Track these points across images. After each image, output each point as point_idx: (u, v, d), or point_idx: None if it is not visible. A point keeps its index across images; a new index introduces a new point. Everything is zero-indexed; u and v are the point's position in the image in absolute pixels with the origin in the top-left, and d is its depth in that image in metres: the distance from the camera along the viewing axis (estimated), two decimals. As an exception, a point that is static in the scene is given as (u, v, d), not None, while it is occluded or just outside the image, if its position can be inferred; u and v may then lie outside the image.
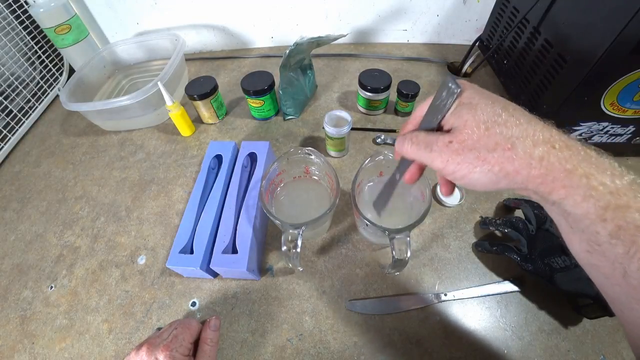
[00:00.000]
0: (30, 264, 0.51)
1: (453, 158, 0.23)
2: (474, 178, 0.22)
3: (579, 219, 0.20)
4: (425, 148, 0.24)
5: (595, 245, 0.20)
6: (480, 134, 0.21)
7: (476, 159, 0.22)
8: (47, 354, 0.43)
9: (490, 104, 0.22)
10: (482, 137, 0.21)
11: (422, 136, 0.25)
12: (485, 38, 0.76)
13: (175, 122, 0.65)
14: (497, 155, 0.21)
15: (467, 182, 0.23)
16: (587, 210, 0.20)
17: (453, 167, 0.23)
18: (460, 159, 0.22)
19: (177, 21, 0.87)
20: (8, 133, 0.70)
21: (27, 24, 0.75)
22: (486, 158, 0.21)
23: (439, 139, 0.23)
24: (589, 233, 0.20)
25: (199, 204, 0.49)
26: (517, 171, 0.21)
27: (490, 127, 0.21)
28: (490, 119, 0.22)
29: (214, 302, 0.45)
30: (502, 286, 0.43)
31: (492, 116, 0.22)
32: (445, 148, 0.23)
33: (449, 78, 0.23)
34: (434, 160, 0.24)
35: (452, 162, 0.23)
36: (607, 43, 0.42)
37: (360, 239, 0.49)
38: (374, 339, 0.41)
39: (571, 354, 0.38)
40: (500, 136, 0.21)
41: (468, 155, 0.22)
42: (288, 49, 0.57)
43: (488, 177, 0.22)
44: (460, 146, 0.22)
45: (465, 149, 0.22)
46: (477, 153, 0.22)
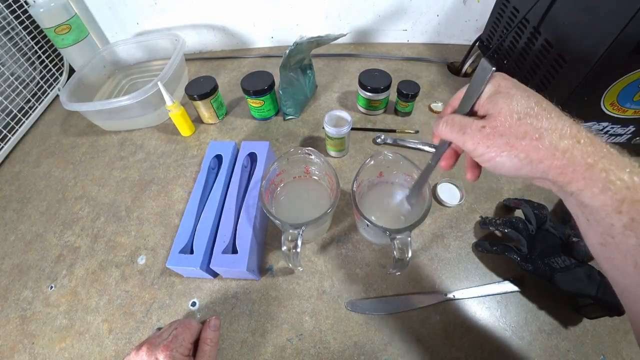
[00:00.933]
0: (30, 264, 0.51)
1: (483, 142, 0.24)
2: (500, 162, 0.24)
3: (596, 210, 0.21)
4: (459, 130, 0.26)
5: (610, 237, 0.21)
6: (512, 122, 0.23)
7: (505, 144, 0.23)
8: (47, 354, 0.43)
9: (525, 97, 0.24)
10: (513, 126, 0.23)
11: (457, 119, 0.26)
12: (485, 38, 0.76)
13: (175, 122, 0.65)
14: (525, 143, 0.22)
15: (492, 165, 0.25)
16: (603, 202, 0.21)
17: (482, 149, 0.24)
18: (490, 143, 0.24)
19: (177, 21, 0.87)
20: (8, 133, 0.70)
21: (27, 24, 0.75)
22: (514, 145, 0.23)
23: (473, 122, 0.25)
24: (604, 225, 0.21)
25: (199, 204, 0.49)
26: (540, 160, 0.22)
27: (522, 117, 0.23)
28: (523, 110, 0.23)
29: (214, 302, 0.45)
30: (502, 286, 0.43)
31: (525, 108, 0.23)
32: (478, 132, 0.24)
33: (484, 58, 0.25)
34: (466, 142, 0.25)
35: (482, 145, 0.24)
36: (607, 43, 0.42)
37: (360, 239, 0.49)
38: (374, 339, 0.41)
39: (571, 354, 0.38)
40: (530, 126, 0.22)
41: (497, 141, 0.23)
42: (288, 49, 0.57)
43: (513, 162, 0.23)
44: (492, 132, 0.24)
45: (496, 134, 0.23)
46: (506, 139, 0.23)
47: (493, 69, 0.24)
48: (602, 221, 0.21)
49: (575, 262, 0.40)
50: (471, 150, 0.25)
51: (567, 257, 0.41)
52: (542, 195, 0.52)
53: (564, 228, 0.44)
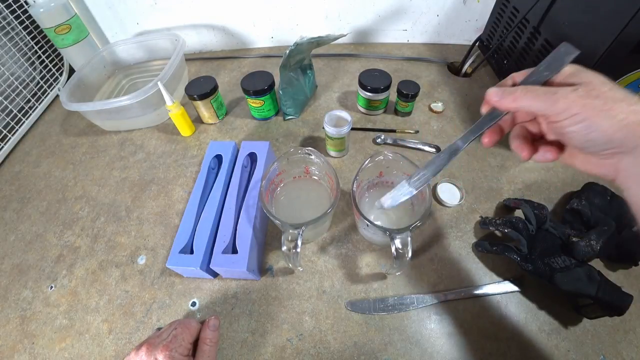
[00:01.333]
0: (30, 264, 0.51)
1: (578, 101, 0.23)
2: (595, 122, 0.23)
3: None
4: (545, 94, 0.24)
5: None
6: (605, 89, 0.23)
7: (602, 104, 0.22)
8: (47, 354, 0.43)
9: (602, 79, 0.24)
10: (607, 92, 0.22)
11: (538, 87, 0.25)
12: (485, 38, 0.76)
13: (175, 122, 0.65)
14: (624, 105, 0.22)
15: (584, 126, 0.23)
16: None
17: (577, 109, 0.23)
18: (586, 102, 0.23)
19: (177, 21, 0.87)
20: (8, 133, 0.70)
21: (27, 24, 0.75)
22: (612, 107, 0.22)
23: (561, 87, 0.24)
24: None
25: (199, 204, 0.49)
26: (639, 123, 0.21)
27: (614, 87, 0.23)
28: (611, 84, 0.23)
29: (214, 302, 0.45)
30: (502, 286, 0.43)
31: (611, 83, 0.23)
32: (571, 93, 0.23)
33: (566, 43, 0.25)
34: (557, 102, 0.24)
35: (577, 105, 0.23)
36: (607, 43, 0.42)
37: (360, 239, 0.49)
38: (374, 339, 0.41)
39: (571, 354, 0.38)
40: (624, 93, 0.22)
41: (594, 102, 0.23)
42: (288, 49, 0.57)
43: (610, 123, 0.22)
44: (587, 94, 0.23)
45: (592, 96, 0.23)
46: (603, 101, 0.22)
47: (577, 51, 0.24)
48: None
49: (575, 262, 0.40)
50: (563, 110, 0.23)
51: (567, 257, 0.41)
52: (542, 195, 0.52)
53: (564, 228, 0.44)
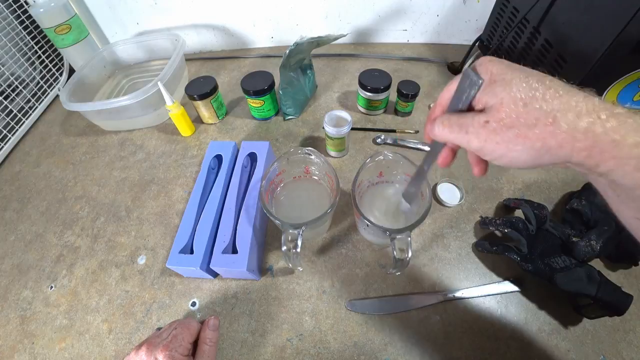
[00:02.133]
0: (30, 264, 0.51)
1: (491, 138, 0.22)
2: (514, 156, 0.22)
3: (630, 188, 0.20)
4: (459, 130, 0.23)
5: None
6: (518, 111, 0.21)
7: (516, 136, 0.21)
8: (47, 354, 0.43)
9: (524, 79, 0.21)
10: (521, 115, 0.21)
11: (454, 118, 0.24)
12: (485, 38, 0.76)
13: (175, 122, 0.65)
14: (539, 131, 0.20)
15: (507, 161, 0.23)
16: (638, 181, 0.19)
17: (491, 146, 0.22)
18: (499, 138, 0.22)
19: (177, 21, 0.87)
20: (8, 133, 0.70)
21: (27, 24, 0.75)
22: (527, 135, 0.21)
23: (474, 120, 0.23)
24: None
25: (199, 204, 0.49)
26: (560, 145, 0.20)
27: (528, 103, 0.21)
28: (528, 94, 0.21)
29: (214, 302, 0.45)
30: (502, 286, 0.43)
31: (529, 91, 0.21)
32: (482, 129, 0.22)
33: (468, 70, 0.23)
34: (471, 142, 0.23)
35: (491, 142, 0.22)
36: (607, 43, 0.42)
37: (360, 239, 0.49)
38: (374, 339, 0.41)
39: (571, 354, 0.38)
40: (540, 111, 0.20)
41: (507, 134, 0.21)
42: (288, 49, 0.57)
43: (529, 154, 0.21)
44: (498, 125, 0.21)
45: (504, 127, 0.21)
46: (516, 131, 0.21)
47: (481, 81, 0.22)
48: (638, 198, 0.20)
49: (575, 262, 0.40)
50: (478, 149, 0.23)
51: (567, 257, 0.41)
52: (542, 195, 0.52)
53: (564, 228, 0.44)
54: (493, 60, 0.23)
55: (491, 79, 0.23)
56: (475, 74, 0.22)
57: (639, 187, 0.19)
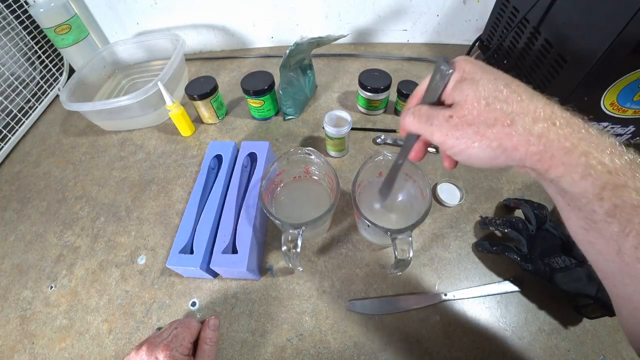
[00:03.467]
0: (30, 264, 0.51)
1: (452, 133, 0.23)
2: (472, 153, 0.22)
3: (576, 197, 0.20)
4: (426, 121, 0.24)
5: (592, 223, 0.21)
6: (480, 109, 0.21)
7: (475, 134, 0.22)
8: (47, 354, 0.43)
9: (492, 80, 0.22)
10: (482, 113, 0.21)
11: (424, 109, 0.25)
12: (485, 38, 0.76)
13: (175, 122, 0.65)
14: (496, 130, 0.21)
15: (465, 158, 0.23)
16: (584, 189, 0.20)
17: (452, 141, 0.23)
18: (459, 134, 0.22)
19: (177, 21, 0.87)
20: (8, 133, 0.70)
21: (27, 24, 0.75)
22: (485, 133, 0.21)
23: (439, 113, 0.23)
24: (586, 211, 0.20)
25: (199, 204, 0.49)
26: (515, 147, 0.21)
27: (490, 102, 0.21)
28: (491, 94, 0.21)
29: (214, 302, 0.45)
30: (502, 286, 0.43)
31: (493, 92, 0.22)
32: (445, 122, 0.23)
33: (441, 60, 0.23)
34: (434, 134, 0.24)
35: (451, 137, 0.23)
36: (607, 43, 0.42)
37: (360, 239, 0.49)
38: (374, 339, 0.41)
39: (571, 354, 0.38)
40: (500, 112, 0.21)
41: (467, 130, 0.22)
42: (288, 49, 0.57)
43: (486, 152, 0.22)
44: (460, 121, 0.22)
45: (465, 124, 0.22)
46: (475, 128, 0.22)
47: (450, 71, 0.23)
48: (584, 207, 0.20)
49: (575, 262, 0.40)
50: (440, 143, 0.24)
51: (567, 257, 0.41)
52: (542, 195, 0.52)
53: (563, 228, 0.44)
54: (468, 59, 0.24)
55: (462, 77, 0.23)
56: (447, 65, 0.23)
57: (584, 195, 0.20)
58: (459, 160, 0.25)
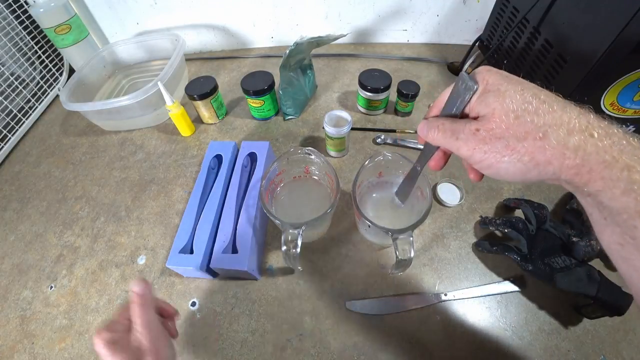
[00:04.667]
0: (30, 264, 0.51)
1: (480, 147, 0.22)
2: (502, 168, 0.22)
3: (616, 212, 0.19)
4: (451, 136, 0.23)
5: (630, 239, 0.19)
6: (509, 122, 0.21)
7: (505, 148, 0.21)
8: (47, 354, 0.43)
9: (519, 91, 0.21)
10: (511, 126, 0.20)
11: (448, 123, 0.24)
12: (485, 38, 0.76)
13: (175, 122, 0.65)
14: (528, 144, 0.20)
15: (494, 172, 0.22)
16: (625, 205, 0.18)
17: (480, 155, 0.22)
18: (488, 147, 0.21)
19: (177, 21, 0.87)
20: (8, 133, 0.70)
21: (27, 24, 0.75)
22: (515, 147, 0.20)
23: (465, 126, 0.23)
24: (625, 227, 0.19)
25: (199, 204, 0.49)
26: (548, 161, 0.20)
27: (520, 115, 0.20)
28: (520, 106, 0.20)
29: (214, 302, 0.45)
30: (502, 286, 0.43)
31: (522, 104, 0.21)
32: (472, 136, 0.22)
33: (464, 74, 0.23)
34: (460, 149, 0.23)
35: (479, 151, 0.22)
36: (607, 43, 0.42)
37: (360, 239, 0.49)
38: (374, 339, 0.41)
39: (571, 354, 0.38)
40: (531, 125, 0.20)
41: (496, 145, 0.21)
42: (288, 49, 0.57)
43: (517, 167, 0.21)
44: (488, 135, 0.21)
45: (493, 137, 0.21)
46: (505, 142, 0.21)
47: (476, 87, 0.22)
48: (623, 223, 0.19)
49: (575, 262, 0.40)
50: (468, 157, 0.23)
51: (567, 257, 0.41)
52: (542, 195, 0.52)
53: (564, 228, 0.44)
54: (491, 70, 0.23)
55: (486, 89, 0.22)
56: (471, 79, 0.22)
57: (625, 211, 0.19)
58: (488, 174, 0.24)
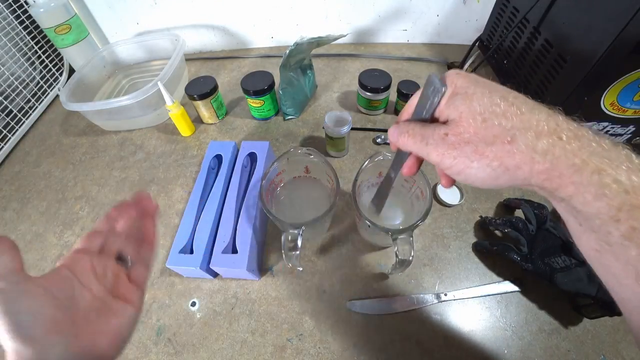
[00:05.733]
0: (30, 264, 0.51)
1: (449, 152, 0.21)
2: (471, 173, 0.21)
3: (590, 217, 0.19)
4: (421, 141, 0.23)
5: (606, 245, 0.19)
6: (477, 126, 0.20)
7: (473, 153, 0.20)
8: (47, 354, 0.42)
9: (487, 93, 0.21)
10: (479, 130, 0.20)
11: (417, 128, 0.23)
12: (485, 38, 0.76)
13: (175, 122, 0.65)
14: (496, 149, 0.19)
15: (464, 178, 0.22)
16: (598, 210, 0.18)
17: (449, 161, 0.22)
18: (457, 153, 0.21)
19: (177, 21, 0.87)
20: (8, 133, 0.70)
21: (27, 24, 0.75)
22: (484, 152, 0.20)
23: (434, 131, 0.22)
24: (600, 233, 0.19)
25: (199, 204, 0.49)
26: (518, 166, 0.19)
27: (487, 118, 0.20)
28: (488, 109, 0.20)
29: (214, 302, 0.45)
30: (502, 286, 0.43)
31: (489, 106, 0.20)
32: (441, 141, 0.21)
33: (432, 75, 0.22)
34: (430, 154, 0.23)
35: (448, 157, 0.21)
36: (607, 43, 0.42)
37: (360, 239, 0.49)
38: (374, 339, 0.41)
39: (571, 354, 0.38)
40: (499, 128, 0.19)
41: (464, 149, 0.20)
42: (288, 49, 0.57)
43: (486, 172, 0.20)
44: (457, 139, 0.21)
45: (462, 142, 0.21)
46: (474, 147, 0.20)
47: (444, 88, 0.22)
48: (598, 229, 0.19)
49: (575, 262, 0.40)
50: (437, 163, 0.22)
51: (567, 257, 0.41)
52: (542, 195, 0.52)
53: (564, 228, 0.44)
54: (460, 73, 0.23)
55: (454, 92, 0.22)
56: (439, 81, 0.22)
57: (598, 216, 0.18)
58: (458, 180, 0.23)
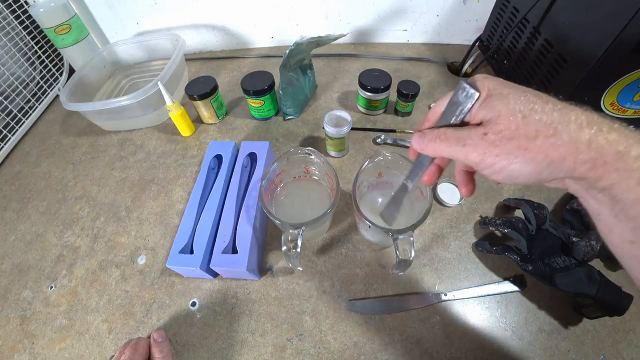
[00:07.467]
0: (30, 264, 0.51)
1: (490, 150, 0.21)
2: (515, 169, 0.21)
3: (630, 205, 0.19)
4: (457, 143, 0.23)
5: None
6: (518, 122, 0.20)
7: (516, 148, 0.20)
8: (47, 354, 0.43)
9: (521, 93, 0.21)
10: (520, 126, 0.20)
11: (450, 131, 0.23)
12: (485, 38, 0.76)
13: (175, 122, 0.65)
14: (540, 142, 0.20)
15: (506, 175, 0.22)
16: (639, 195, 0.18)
17: (491, 159, 0.21)
18: (499, 150, 0.21)
19: (177, 21, 0.87)
20: (8, 133, 0.70)
21: (27, 24, 0.75)
22: (527, 147, 0.20)
23: (472, 132, 0.22)
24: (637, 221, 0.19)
25: (199, 204, 0.49)
26: (563, 157, 0.19)
27: (527, 115, 0.20)
28: (527, 107, 0.20)
29: (214, 302, 0.45)
30: (502, 286, 0.43)
31: (527, 104, 0.21)
32: (481, 140, 0.21)
33: (463, 82, 0.23)
34: (469, 155, 0.22)
35: (490, 155, 0.21)
36: (607, 43, 0.42)
37: (360, 239, 0.49)
38: (374, 339, 0.41)
39: (571, 354, 0.38)
40: (540, 123, 0.20)
41: (507, 146, 0.21)
42: (288, 49, 0.57)
43: (531, 167, 0.20)
44: (497, 137, 0.21)
45: (504, 139, 0.21)
46: (517, 142, 0.20)
47: (478, 94, 0.22)
48: (637, 217, 0.19)
49: (575, 262, 0.40)
50: (477, 163, 0.22)
51: (567, 257, 0.41)
52: (542, 195, 0.52)
53: (564, 228, 0.44)
54: (487, 76, 0.23)
55: (488, 94, 0.22)
56: (472, 87, 0.22)
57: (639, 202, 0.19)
58: (498, 180, 0.23)
